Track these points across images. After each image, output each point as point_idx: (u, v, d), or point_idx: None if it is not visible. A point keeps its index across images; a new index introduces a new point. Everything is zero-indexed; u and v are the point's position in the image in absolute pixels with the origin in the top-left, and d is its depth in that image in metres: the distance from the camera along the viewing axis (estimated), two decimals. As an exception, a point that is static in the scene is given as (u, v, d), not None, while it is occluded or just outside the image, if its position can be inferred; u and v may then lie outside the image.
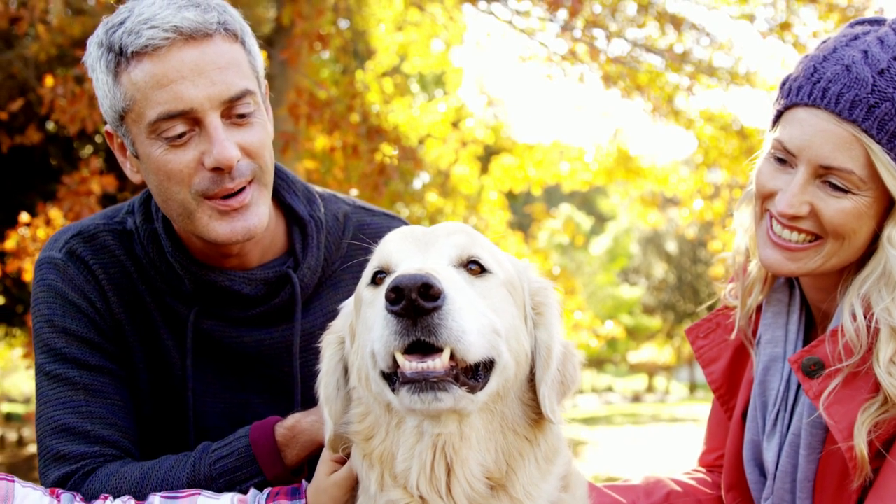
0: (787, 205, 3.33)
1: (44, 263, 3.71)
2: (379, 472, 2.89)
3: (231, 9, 3.47)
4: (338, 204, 4.04)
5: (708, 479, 4.04)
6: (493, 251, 2.97)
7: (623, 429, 32.71)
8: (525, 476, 2.86)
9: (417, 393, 2.55)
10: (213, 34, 3.31)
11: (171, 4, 3.29)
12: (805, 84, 3.33)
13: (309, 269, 3.78)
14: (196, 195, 3.39)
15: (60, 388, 3.54)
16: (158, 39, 3.23)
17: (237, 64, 3.37)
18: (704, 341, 3.92)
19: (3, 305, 24.41)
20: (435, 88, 30.71)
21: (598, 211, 62.27)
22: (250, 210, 3.47)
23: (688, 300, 59.15)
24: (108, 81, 3.35)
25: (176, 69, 3.25)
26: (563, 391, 2.97)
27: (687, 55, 16.05)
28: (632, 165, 19.53)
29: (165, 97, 3.26)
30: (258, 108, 3.46)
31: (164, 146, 3.34)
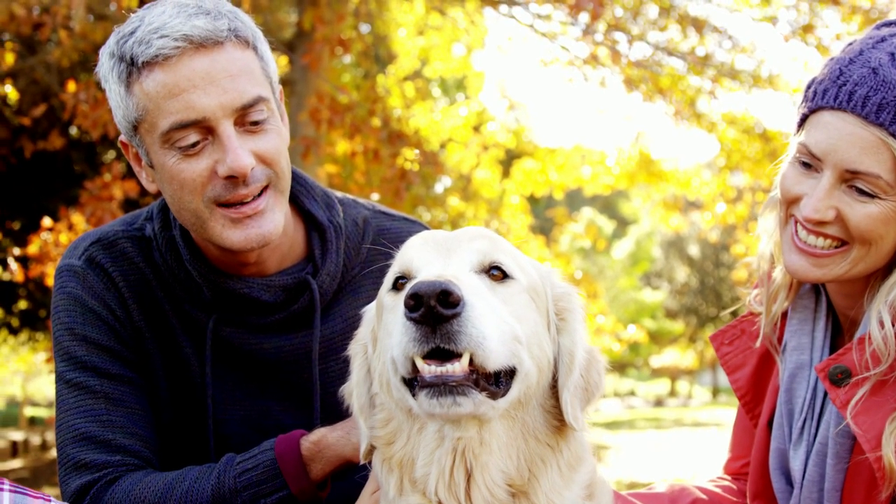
0: (813, 210, 3.28)
1: (64, 271, 3.70)
2: (398, 477, 2.87)
3: (243, 15, 3.45)
4: (357, 209, 4.01)
5: (733, 486, 3.99)
6: (515, 256, 2.93)
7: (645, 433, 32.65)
8: (547, 483, 2.82)
9: (436, 397, 2.52)
10: (224, 41, 3.29)
11: (181, 13, 3.27)
12: (831, 87, 3.28)
13: (328, 276, 3.75)
14: (208, 202, 3.38)
15: (81, 396, 3.52)
16: (168, 49, 3.21)
17: (249, 71, 3.35)
18: (729, 348, 3.88)
19: (26, 310, 24.56)
20: (456, 92, 30.75)
21: (620, 215, 62.22)
22: (265, 216, 3.45)
23: (710, 304, 58.98)
24: (120, 92, 3.34)
25: (187, 78, 3.23)
26: (588, 397, 2.94)
27: (709, 58, 16.00)
28: (654, 169, 19.48)
29: (177, 107, 3.24)
30: (272, 114, 3.43)
31: (177, 156, 3.32)
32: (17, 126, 17.47)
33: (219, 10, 3.34)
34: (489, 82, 39.15)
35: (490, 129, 21.67)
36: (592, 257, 51.77)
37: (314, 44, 13.59)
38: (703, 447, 26.32)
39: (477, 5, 16.70)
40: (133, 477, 3.43)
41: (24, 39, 16.20)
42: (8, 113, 17.10)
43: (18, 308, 24.69)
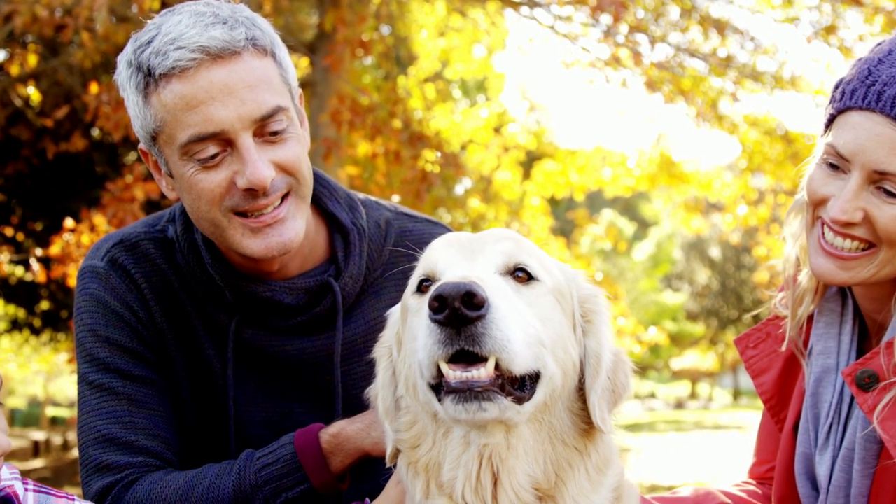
0: (840, 211, 3.24)
1: (86, 272, 3.70)
2: (424, 481, 2.86)
3: (261, 21, 3.41)
4: (380, 210, 3.99)
5: (758, 491, 3.96)
6: (541, 258, 2.92)
7: (666, 436, 32.59)
8: (575, 487, 2.81)
9: (462, 403, 2.51)
10: (242, 51, 3.25)
11: (198, 22, 3.24)
12: (859, 87, 3.24)
13: (351, 278, 3.73)
14: (227, 212, 3.36)
15: (103, 397, 3.53)
16: (185, 60, 3.18)
17: (268, 80, 3.31)
18: (754, 351, 3.84)
19: (48, 310, 24.66)
20: (477, 94, 30.74)
21: (640, 216, 62.08)
22: (286, 224, 3.43)
23: (731, 306, 58.81)
24: (138, 102, 3.32)
25: (205, 90, 3.20)
26: (615, 399, 2.92)
27: (731, 60, 15.94)
28: (675, 171, 19.41)
29: (195, 119, 3.22)
30: (291, 122, 3.40)
31: (196, 167, 3.31)
32: (40, 127, 17.55)
33: (236, 17, 3.31)
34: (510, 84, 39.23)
35: (511, 131, 21.65)
36: (613, 259, 51.67)
37: (335, 45, 13.60)
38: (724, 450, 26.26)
39: (498, 7, 16.69)
40: (153, 476, 3.44)
41: (46, 41, 16.27)
42: (30, 114, 17.18)
43: (40, 308, 24.80)
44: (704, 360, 66.43)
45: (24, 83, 16.45)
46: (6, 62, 15.88)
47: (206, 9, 3.31)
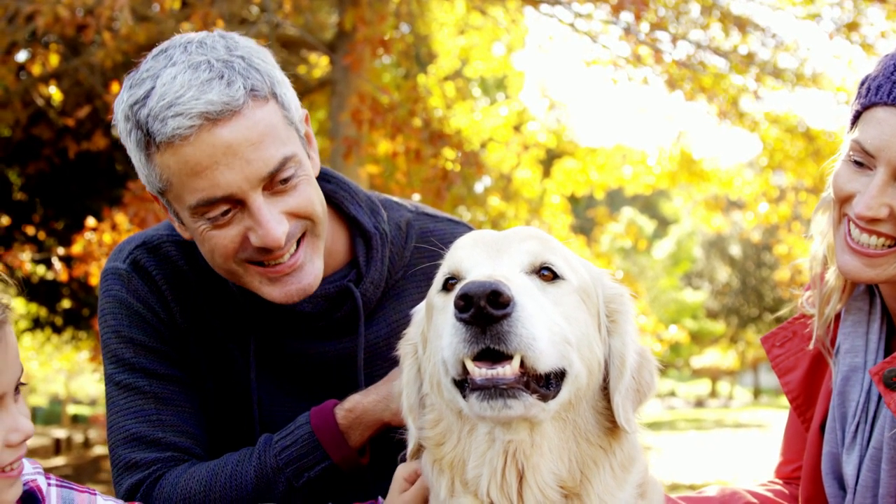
0: (866, 207, 3.21)
1: (109, 274, 3.70)
2: (449, 478, 2.86)
3: (256, 61, 3.27)
4: (400, 211, 3.95)
5: (785, 491, 3.93)
6: (567, 257, 2.91)
7: (686, 434, 32.51)
8: (600, 485, 2.81)
9: (487, 400, 2.52)
10: (242, 107, 3.14)
11: (193, 79, 3.11)
12: (885, 83, 3.21)
13: (372, 284, 3.70)
14: (241, 262, 3.34)
15: (130, 397, 3.54)
16: (185, 128, 3.08)
17: (272, 130, 3.21)
18: (781, 350, 3.82)
19: (70, 309, 24.78)
20: (496, 92, 30.73)
21: (660, 214, 61.94)
22: (304, 270, 3.40)
23: (752, 304, 58.62)
24: (140, 158, 3.25)
25: (208, 155, 3.11)
26: (639, 399, 2.92)
27: (752, 57, 15.88)
28: (695, 168, 19.38)
29: (202, 184, 3.15)
30: (300, 166, 3.32)
31: (207, 224, 3.26)
32: (61, 127, 17.63)
33: (231, 64, 3.18)
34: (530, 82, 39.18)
35: (530, 129, 21.62)
36: (633, 257, 51.57)
37: (355, 44, 13.62)
38: (745, 449, 26.18)
39: (518, 4, 16.68)
40: (178, 470, 3.46)
41: (67, 41, 16.34)
42: (52, 114, 17.26)
43: (62, 307, 24.93)
44: (725, 359, 66.23)
45: (45, 83, 16.54)
46: (28, 62, 15.94)
47: (200, 56, 3.18)
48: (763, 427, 34.91)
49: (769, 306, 56.57)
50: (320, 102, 20.65)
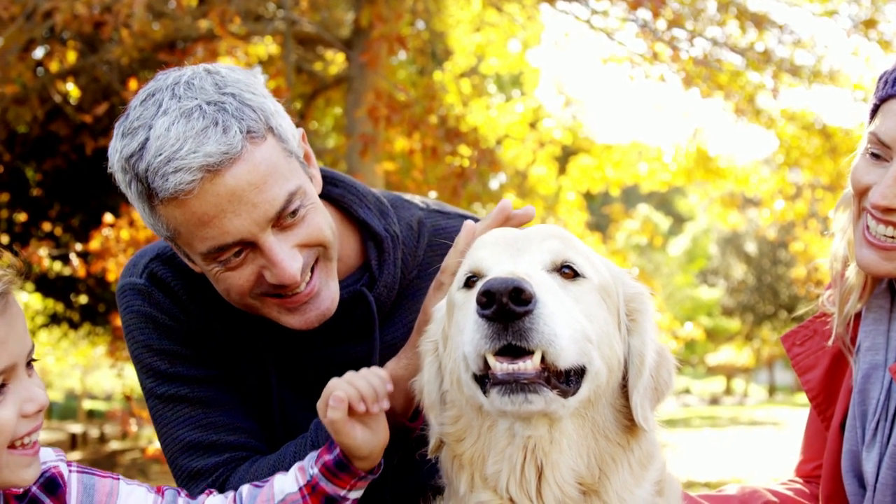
0: (881, 196, 3.23)
1: (127, 290, 3.67)
2: (469, 474, 2.89)
3: (247, 96, 3.18)
4: (411, 210, 3.92)
5: (805, 489, 3.93)
6: (588, 255, 2.93)
7: (701, 431, 32.46)
8: (618, 481, 2.84)
9: (508, 394, 2.55)
10: (241, 152, 3.08)
11: (188, 129, 3.04)
12: None
13: (385, 288, 3.68)
14: (258, 296, 3.33)
15: (176, 407, 3.53)
16: (186, 183, 3.02)
17: (273, 168, 3.16)
18: (801, 348, 3.82)
19: (86, 304, 24.88)
20: (512, 89, 30.70)
21: (676, 211, 61.80)
22: (321, 295, 3.39)
23: (767, 302, 58.44)
24: (144, 208, 3.21)
25: (213, 205, 3.08)
26: (657, 397, 2.94)
27: (768, 54, 15.84)
28: (711, 165, 19.33)
29: (211, 233, 3.12)
30: (306, 195, 3.28)
31: (220, 268, 3.25)
32: (78, 123, 17.68)
33: (223, 106, 3.11)
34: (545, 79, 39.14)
35: (546, 126, 21.60)
36: (648, 254, 51.47)
37: (372, 42, 13.62)
38: (760, 446, 26.13)
39: (534, 1, 16.67)
40: (241, 469, 3.45)
41: (85, 38, 16.39)
42: (69, 110, 17.32)
43: (78, 303, 25.03)
44: (740, 356, 66.05)
45: (62, 80, 16.59)
46: (45, 58, 16.01)
47: (191, 101, 3.10)
48: (778, 425, 34.84)
49: (785, 304, 56.41)
50: (336, 99, 20.67)
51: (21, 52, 14.51)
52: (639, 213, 39.02)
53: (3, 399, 2.61)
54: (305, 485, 3.11)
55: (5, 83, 14.73)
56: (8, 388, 2.63)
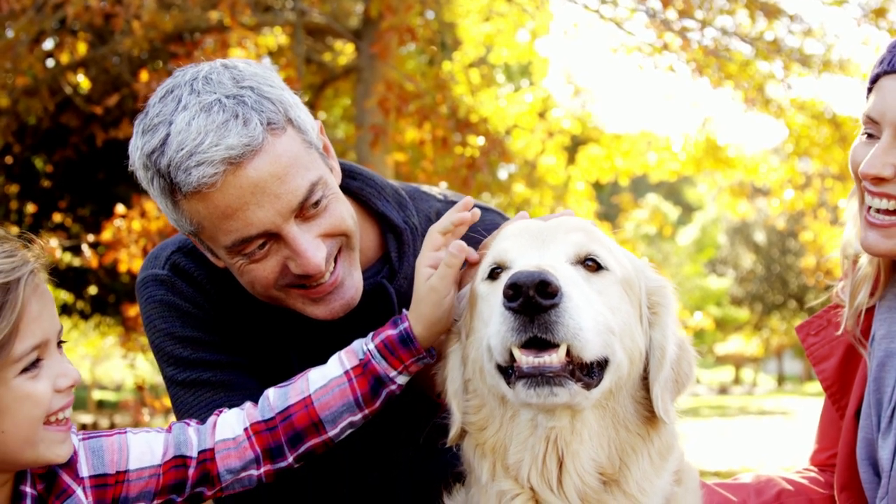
0: (869, 165, 3.30)
1: (149, 281, 3.69)
2: (491, 463, 2.92)
3: (266, 88, 3.22)
4: (429, 202, 3.96)
5: (820, 478, 3.95)
6: (611, 248, 2.97)
7: (710, 421, 32.40)
8: (638, 472, 2.88)
9: (533, 387, 2.59)
10: (262, 144, 3.12)
11: (209, 123, 3.07)
12: (888, 55, 3.35)
13: (405, 279, 3.69)
14: (282, 288, 3.37)
15: (198, 391, 3.55)
16: (209, 176, 3.06)
17: (294, 159, 3.21)
18: (815, 338, 3.84)
19: (97, 295, 24.93)
20: (520, 78, 30.65)
21: (684, 201, 61.66)
22: (345, 284, 3.43)
23: (776, 291, 58.29)
24: (166, 205, 3.26)
25: (237, 197, 3.11)
26: (678, 389, 2.99)
27: (778, 43, 15.80)
28: (721, 155, 19.27)
29: (235, 226, 3.17)
30: (327, 186, 3.32)
31: (245, 260, 3.28)
32: (89, 114, 17.70)
33: (242, 99, 3.15)
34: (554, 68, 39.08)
35: (555, 116, 21.56)
36: (657, 244, 51.37)
37: (382, 33, 13.61)
38: (770, 436, 26.10)
39: (543, -10, 16.65)
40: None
41: (95, 29, 16.41)
42: (78, 101, 17.34)
43: (88, 293, 25.06)
44: (749, 346, 65.91)
45: (73, 71, 16.61)
46: (56, 50, 16.03)
47: (210, 96, 3.14)
48: (787, 414, 34.78)
49: (794, 293, 56.27)
50: (345, 89, 20.68)
51: (31, 44, 14.53)
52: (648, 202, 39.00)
53: (39, 373, 2.70)
54: (354, 366, 3.13)
55: (16, 75, 14.75)
56: (42, 363, 2.71)
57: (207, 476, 3.09)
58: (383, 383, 3.11)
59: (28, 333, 2.66)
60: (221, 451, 3.10)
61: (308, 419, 3.12)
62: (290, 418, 3.13)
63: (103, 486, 2.94)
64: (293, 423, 3.12)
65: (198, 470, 3.07)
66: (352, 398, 3.12)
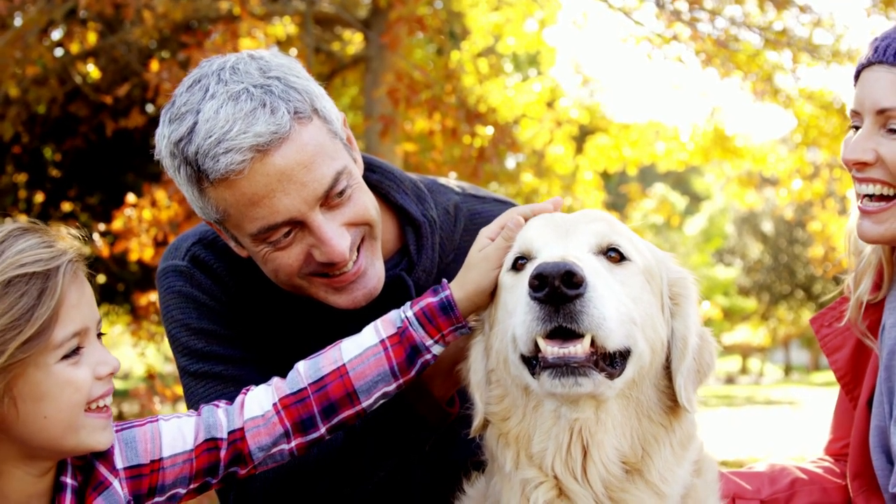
0: (851, 151, 3.46)
1: (169, 272, 3.73)
2: (515, 452, 2.95)
3: (292, 79, 3.28)
4: (447, 195, 3.99)
5: (835, 468, 3.99)
6: (632, 239, 3.01)
7: (717, 411, 32.41)
8: (661, 461, 2.91)
9: (559, 377, 2.63)
10: (289, 132, 3.16)
11: (237, 111, 3.12)
12: (867, 51, 3.51)
13: (424, 272, 3.75)
14: (305, 276, 3.40)
15: (209, 383, 3.58)
16: (237, 163, 3.11)
17: (320, 148, 3.25)
18: (829, 330, 3.90)
19: (105, 284, 24.98)
20: (528, 68, 30.60)
21: (692, 191, 61.55)
22: (367, 274, 3.46)
23: (784, 281, 58.24)
24: (192, 192, 3.29)
25: (263, 185, 3.16)
26: (699, 379, 3.02)
27: (787, 33, 15.77)
28: (729, 145, 19.24)
29: (261, 213, 3.21)
30: (351, 175, 3.36)
31: (270, 248, 3.32)
32: (98, 104, 17.73)
33: (270, 89, 3.19)
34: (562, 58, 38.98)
35: (563, 105, 21.53)
36: (665, 233, 51.29)
37: (392, 24, 13.60)
38: (777, 425, 26.11)
39: (552, -20, 16.63)
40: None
41: (104, 19, 16.43)
42: (87, 90, 17.37)
43: (97, 282, 25.11)
44: (756, 335, 65.87)
45: (83, 60, 16.63)
46: (65, 39, 16.05)
47: (238, 85, 3.18)
48: (794, 404, 34.77)
49: (801, 283, 56.22)
50: (353, 79, 20.67)
51: (40, 34, 14.55)
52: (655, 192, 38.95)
53: (79, 360, 2.76)
54: (391, 335, 3.13)
55: (26, 64, 14.77)
56: (83, 351, 2.78)
57: (240, 455, 3.11)
58: (419, 352, 3.10)
59: (68, 320, 2.73)
60: (251, 430, 3.11)
61: (343, 389, 3.12)
62: (324, 388, 3.12)
63: (138, 477, 2.98)
64: (327, 393, 3.12)
65: (229, 451, 3.10)
66: (387, 367, 3.11)
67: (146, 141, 20.49)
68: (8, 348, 2.60)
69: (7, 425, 2.69)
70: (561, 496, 2.88)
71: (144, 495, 2.99)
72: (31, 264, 2.69)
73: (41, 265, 2.70)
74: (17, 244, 2.73)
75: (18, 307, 2.63)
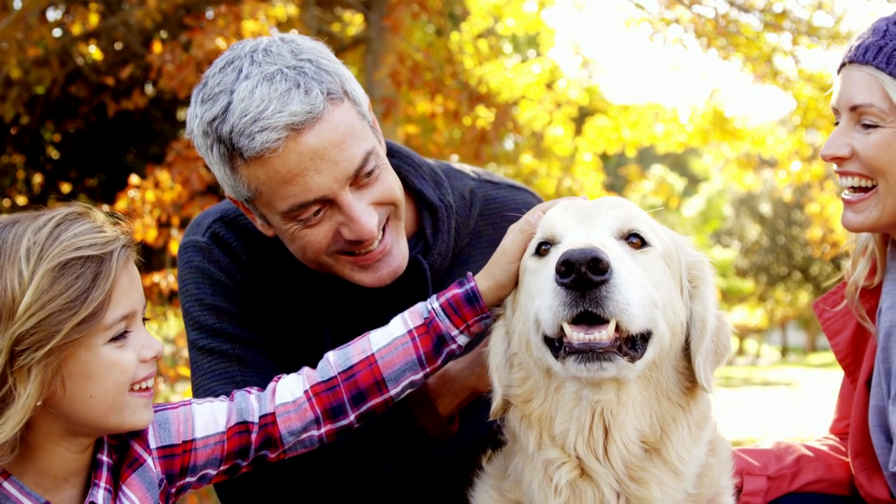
0: (827, 146, 3.65)
1: (189, 247, 3.81)
2: (537, 432, 3.03)
3: (324, 62, 3.37)
4: (462, 180, 4.06)
5: (840, 446, 4.09)
6: (651, 224, 3.09)
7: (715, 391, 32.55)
8: (678, 441, 2.99)
9: (584, 362, 2.71)
10: (323, 112, 3.25)
11: (272, 91, 3.21)
12: (846, 51, 3.68)
13: (440, 255, 3.82)
14: (332, 254, 3.47)
15: (215, 360, 3.66)
16: (272, 141, 3.19)
17: (351, 129, 3.34)
18: (830, 313, 3.99)
19: (107, 268, 24.93)
20: (527, 49, 30.56)
21: (690, 172, 61.51)
22: (392, 252, 3.54)
23: (781, 263, 58.23)
24: (225, 171, 3.36)
25: (297, 163, 3.24)
26: (717, 360, 3.09)
27: (786, 14, 15.77)
28: (728, 126, 19.23)
29: (294, 191, 3.28)
30: (378, 156, 3.44)
31: (299, 225, 3.39)
32: (99, 85, 17.72)
33: (303, 70, 3.28)
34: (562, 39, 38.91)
35: (562, 87, 21.51)
36: (663, 215, 50.96)
37: (394, 5, 13.59)
38: (774, 406, 26.20)
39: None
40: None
41: (105, 0, 16.42)
42: (88, 71, 17.34)
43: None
44: (753, 317, 65.91)
45: (84, 42, 16.61)
46: (67, 20, 16.03)
47: (271, 66, 3.27)
48: (791, 385, 34.85)
49: (799, 265, 56.25)
50: (353, 60, 20.64)
51: (41, 15, 14.53)
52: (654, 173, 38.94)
53: (125, 343, 2.84)
54: (418, 325, 3.22)
55: (27, 46, 14.77)
56: (129, 334, 2.86)
57: (270, 439, 3.20)
58: (445, 342, 3.19)
59: (118, 304, 2.81)
60: (282, 415, 3.20)
61: (372, 378, 3.21)
62: (353, 377, 3.22)
63: (171, 457, 3.06)
64: (357, 381, 3.21)
65: (260, 434, 3.18)
66: (415, 356, 3.21)
67: (147, 122, 20.50)
68: (63, 328, 2.67)
69: (54, 403, 2.76)
70: (583, 476, 2.96)
71: (177, 475, 3.08)
72: (87, 248, 2.78)
73: (97, 249, 2.79)
74: (74, 227, 2.81)
75: (74, 288, 2.71)
